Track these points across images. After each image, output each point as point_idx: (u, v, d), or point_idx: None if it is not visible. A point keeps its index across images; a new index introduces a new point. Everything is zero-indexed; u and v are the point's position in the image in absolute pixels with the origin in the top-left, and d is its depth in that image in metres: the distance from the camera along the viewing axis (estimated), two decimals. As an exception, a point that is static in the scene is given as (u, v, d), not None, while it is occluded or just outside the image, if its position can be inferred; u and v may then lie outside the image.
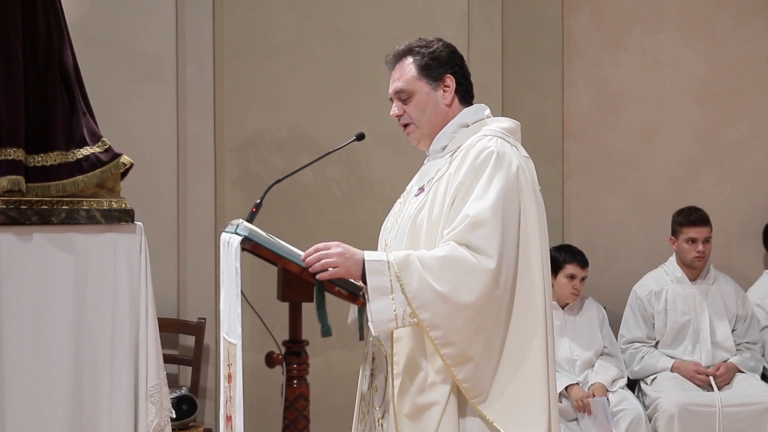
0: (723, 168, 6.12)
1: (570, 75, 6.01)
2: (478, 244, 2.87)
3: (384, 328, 2.91)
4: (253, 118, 5.71)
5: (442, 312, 2.85)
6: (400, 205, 3.23)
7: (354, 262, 2.90)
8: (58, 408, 3.46)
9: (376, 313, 2.87)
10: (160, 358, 3.66)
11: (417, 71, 3.13)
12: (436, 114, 3.15)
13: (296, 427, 3.05)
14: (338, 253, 2.90)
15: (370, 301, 2.87)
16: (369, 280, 2.88)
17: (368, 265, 2.88)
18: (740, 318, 5.70)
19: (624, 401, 5.36)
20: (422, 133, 3.18)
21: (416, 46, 3.16)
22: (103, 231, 3.58)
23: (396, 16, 5.73)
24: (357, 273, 2.91)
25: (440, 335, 2.86)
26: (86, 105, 3.69)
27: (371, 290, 2.87)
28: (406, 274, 2.85)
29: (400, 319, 2.86)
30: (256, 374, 4.21)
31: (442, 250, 2.89)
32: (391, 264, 2.87)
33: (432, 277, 2.85)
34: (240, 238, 2.94)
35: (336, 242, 2.95)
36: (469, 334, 2.87)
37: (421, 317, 2.85)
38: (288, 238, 3.18)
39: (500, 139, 3.05)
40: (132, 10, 5.46)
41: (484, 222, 2.89)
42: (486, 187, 2.93)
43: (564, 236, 5.91)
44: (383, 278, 2.86)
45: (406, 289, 2.85)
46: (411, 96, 3.14)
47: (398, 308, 2.86)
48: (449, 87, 3.15)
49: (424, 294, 2.85)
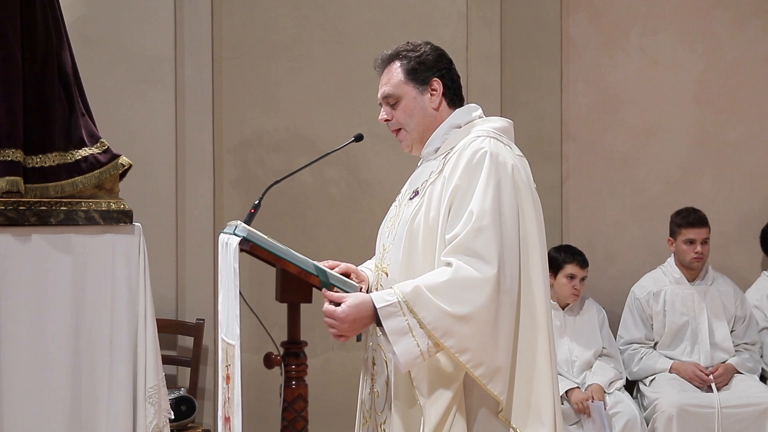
0: (721, 169, 6.12)
1: (568, 76, 6.01)
2: (481, 251, 2.86)
3: (413, 365, 2.90)
4: (251, 119, 5.71)
5: (466, 334, 2.83)
6: (396, 209, 3.22)
7: (366, 317, 2.89)
8: (56, 409, 3.45)
9: (402, 355, 2.85)
10: (158, 358, 3.66)
11: (404, 75, 3.13)
12: (424, 118, 3.15)
13: (295, 428, 3.05)
14: (348, 328, 2.90)
15: (393, 345, 2.85)
16: (386, 326, 2.86)
17: (380, 312, 2.86)
18: (739, 319, 5.70)
19: (620, 403, 5.36)
20: (412, 138, 3.17)
21: (403, 51, 3.16)
22: (102, 232, 3.58)
23: (395, 17, 5.73)
24: (369, 321, 2.91)
25: (471, 358, 2.85)
26: (85, 106, 3.69)
27: (390, 334, 2.85)
28: (421, 307, 2.84)
29: (426, 352, 2.85)
30: (254, 375, 4.21)
31: (445, 274, 2.86)
32: (401, 303, 2.85)
33: (446, 302, 2.83)
34: (238, 239, 2.94)
35: (344, 306, 2.89)
36: (493, 346, 2.86)
37: (447, 345, 2.84)
38: (286, 239, 3.19)
39: (493, 139, 3.04)
40: (131, 11, 5.46)
41: (485, 227, 2.87)
42: (484, 190, 2.92)
43: (563, 237, 5.91)
44: (399, 319, 2.85)
45: (423, 322, 2.83)
46: (398, 100, 3.14)
47: (421, 343, 2.84)
48: (436, 90, 3.14)
49: (444, 322, 2.83)
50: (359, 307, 2.89)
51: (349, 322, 2.89)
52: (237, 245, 2.93)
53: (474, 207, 2.90)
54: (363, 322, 2.90)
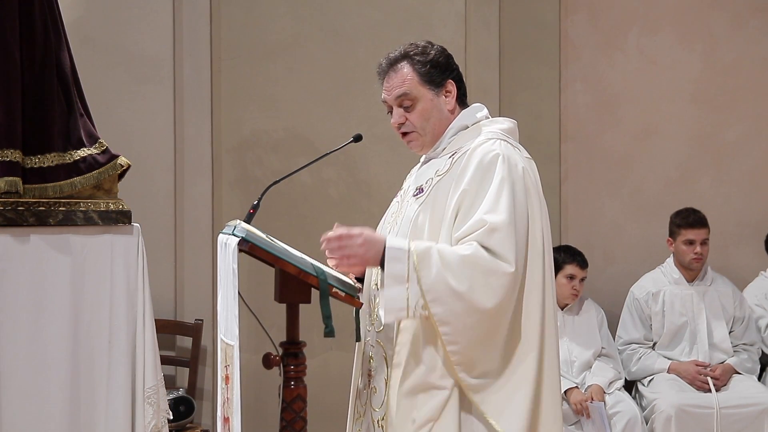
0: (720, 169, 6.13)
1: (567, 76, 6.02)
2: (497, 249, 2.85)
3: (394, 316, 2.89)
4: (250, 120, 5.71)
5: (456, 310, 2.83)
6: (398, 205, 3.21)
7: (374, 252, 2.88)
8: (55, 409, 3.45)
9: (389, 300, 2.85)
10: (157, 359, 3.65)
11: (419, 78, 3.09)
12: (440, 121, 3.12)
13: (294, 428, 3.05)
14: (359, 244, 2.88)
15: (384, 287, 2.85)
16: (387, 266, 2.85)
17: (388, 251, 2.85)
18: (737, 319, 5.71)
19: (620, 403, 5.36)
20: (425, 141, 3.14)
21: (413, 53, 3.11)
22: (101, 232, 3.57)
23: (393, 17, 5.73)
24: (376, 262, 2.89)
25: (449, 332, 2.84)
26: (83, 106, 3.69)
27: (387, 276, 2.85)
28: (425, 265, 2.83)
29: (412, 309, 2.84)
30: (253, 376, 4.21)
31: (465, 249, 2.85)
32: (411, 253, 2.84)
33: (450, 273, 2.82)
34: (237, 239, 2.93)
35: (359, 230, 2.91)
36: (476, 337, 2.86)
37: (432, 311, 2.83)
38: (285, 240, 3.18)
39: (504, 142, 3.03)
40: (129, 12, 5.46)
41: (500, 227, 2.86)
42: (498, 192, 2.91)
43: (561, 237, 5.92)
44: (401, 265, 2.84)
45: (422, 281, 2.82)
46: (415, 103, 3.10)
47: (411, 298, 2.84)
48: (450, 92, 3.12)
49: (440, 288, 2.82)
50: (374, 240, 2.89)
51: (361, 245, 2.87)
52: (236, 246, 2.93)
53: (487, 208, 2.89)
54: (373, 252, 2.88)
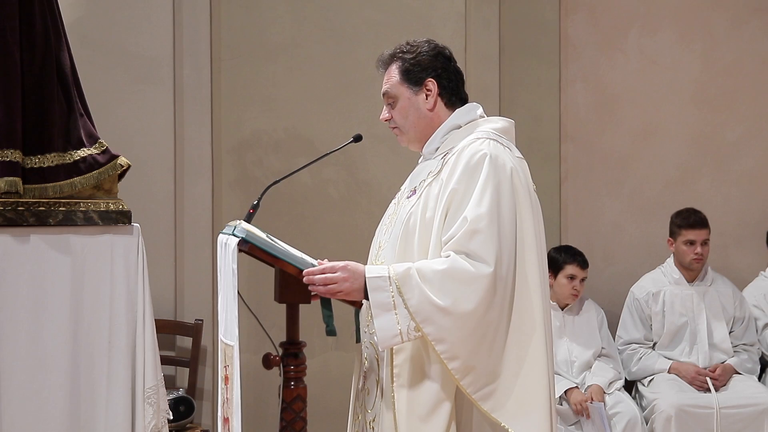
0: (720, 170, 6.12)
1: (567, 76, 6.02)
2: (477, 252, 2.87)
3: (389, 343, 2.91)
4: (250, 120, 5.71)
5: (445, 326, 2.85)
6: (395, 206, 3.22)
7: (357, 285, 2.92)
8: (54, 409, 3.45)
9: (380, 330, 2.88)
10: (157, 359, 3.65)
11: (399, 76, 3.15)
12: (419, 119, 3.15)
13: (293, 428, 3.05)
14: (343, 278, 2.92)
15: (374, 318, 2.88)
16: (371, 297, 2.89)
17: (369, 282, 2.89)
18: (738, 320, 5.70)
19: (620, 403, 5.36)
20: (408, 137, 3.19)
21: (400, 51, 3.17)
22: (100, 232, 3.57)
23: (393, 17, 5.72)
24: (360, 294, 2.93)
25: (446, 349, 2.86)
26: (83, 106, 3.68)
27: (374, 307, 2.88)
28: (407, 288, 2.86)
29: (405, 333, 2.87)
30: (253, 376, 4.21)
31: (442, 263, 2.88)
32: (392, 279, 2.87)
33: (432, 290, 2.85)
34: (237, 239, 2.94)
35: (343, 264, 2.95)
36: (472, 345, 2.87)
37: (425, 331, 2.86)
38: (285, 240, 3.18)
39: (493, 141, 3.04)
40: (129, 12, 5.46)
41: (481, 229, 2.88)
42: (482, 192, 2.92)
43: (561, 238, 5.91)
44: (385, 294, 2.87)
45: (408, 304, 2.85)
46: (396, 101, 3.16)
47: (402, 323, 2.86)
48: (431, 91, 3.14)
49: (426, 308, 2.85)
50: (356, 271, 2.94)
51: (344, 279, 2.92)
52: (235, 246, 2.93)
53: (470, 210, 2.90)
54: (356, 285, 2.92)
